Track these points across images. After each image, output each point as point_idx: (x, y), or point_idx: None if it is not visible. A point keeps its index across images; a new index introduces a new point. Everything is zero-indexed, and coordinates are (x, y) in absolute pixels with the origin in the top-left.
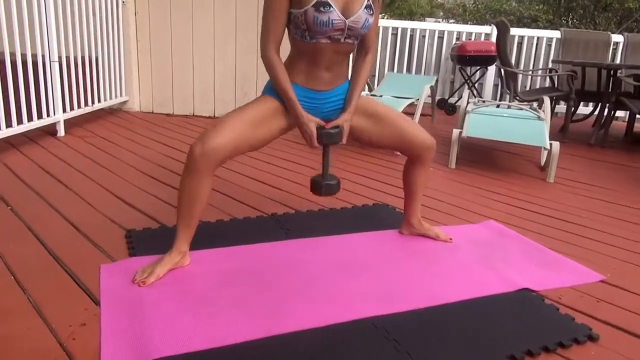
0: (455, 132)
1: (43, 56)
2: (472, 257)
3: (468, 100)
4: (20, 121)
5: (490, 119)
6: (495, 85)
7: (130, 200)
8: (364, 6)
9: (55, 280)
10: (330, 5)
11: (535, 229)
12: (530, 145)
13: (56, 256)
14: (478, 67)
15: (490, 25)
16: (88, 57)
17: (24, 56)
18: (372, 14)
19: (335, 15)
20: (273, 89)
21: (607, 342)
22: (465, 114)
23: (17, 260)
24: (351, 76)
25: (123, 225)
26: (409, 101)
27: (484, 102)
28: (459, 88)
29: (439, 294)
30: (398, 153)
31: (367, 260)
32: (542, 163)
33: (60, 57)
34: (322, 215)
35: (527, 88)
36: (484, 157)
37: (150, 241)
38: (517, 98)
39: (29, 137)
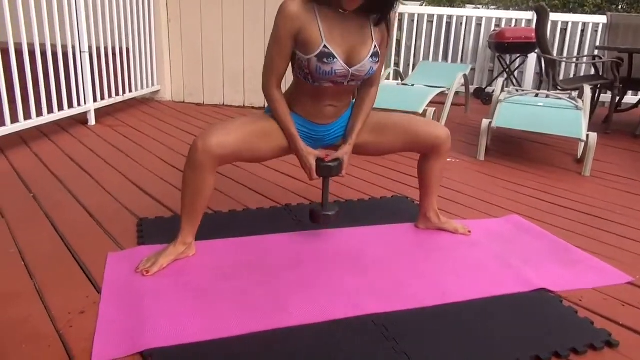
0: (485, 122)
1: (73, 47)
2: (489, 254)
3: (502, 89)
4: (50, 110)
5: (522, 109)
6: (538, 74)
7: (149, 189)
8: (370, 55)
9: (63, 267)
10: (334, 57)
11: (562, 224)
12: (565, 136)
13: (68, 243)
14: (518, 55)
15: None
16: (119, 48)
17: (54, 47)
18: (377, 62)
19: (338, 65)
20: None
21: (627, 350)
22: (497, 103)
23: (30, 246)
24: (354, 107)
25: (137, 214)
26: (440, 90)
27: (523, 91)
28: (497, 77)
29: (448, 292)
30: None
31: (377, 255)
32: (579, 155)
33: (90, 48)
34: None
35: (572, 77)
36: (516, 148)
37: (161, 230)
38: (559, 87)
39: (61, 125)
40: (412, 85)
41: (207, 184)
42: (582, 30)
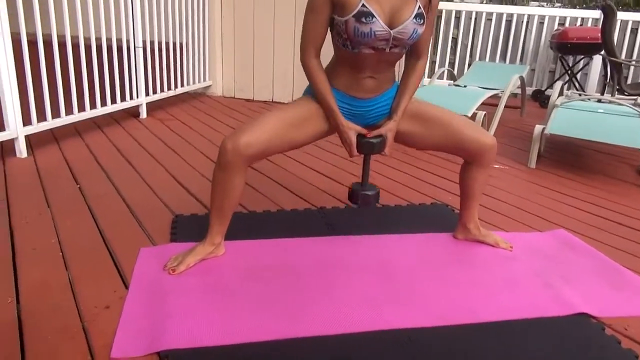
0: (538, 128)
1: (128, 41)
2: (528, 271)
3: (561, 93)
4: (104, 103)
5: (579, 115)
6: (604, 77)
7: (189, 185)
8: (413, 15)
9: (96, 260)
10: (372, 16)
11: (615, 243)
12: (624, 146)
13: (104, 236)
14: (581, 57)
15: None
16: (172, 43)
17: (109, 41)
18: (422, 24)
19: (378, 26)
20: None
21: None
22: (553, 108)
23: (70, 237)
24: (400, 82)
25: (174, 210)
26: (492, 92)
27: (586, 95)
28: (558, 79)
29: (479, 310)
30: None
31: (408, 265)
32: None
33: (144, 43)
34: (372, 212)
35: None
36: (573, 156)
37: (194, 227)
38: (626, 92)
39: (114, 117)
40: (465, 86)
41: (236, 184)
42: None
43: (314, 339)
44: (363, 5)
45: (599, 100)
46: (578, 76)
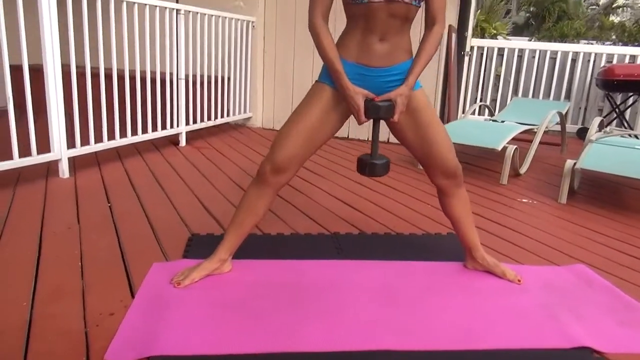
0: (569, 163)
1: (171, 74)
2: (536, 303)
3: (602, 129)
4: (145, 130)
5: (614, 151)
6: None
7: (211, 207)
8: None
9: (111, 272)
10: None
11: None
12: None
13: (123, 251)
14: (630, 94)
15: None
16: (214, 76)
17: (153, 74)
18: None
19: None
20: (326, 74)
21: None
22: (588, 143)
23: (91, 249)
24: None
25: (194, 230)
26: (526, 127)
27: (630, 133)
28: (605, 117)
29: (476, 337)
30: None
31: (412, 290)
32: None
33: (187, 76)
34: (385, 239)
35: None
36: (607, 193)
37: (207, 246)
38: None
39: (155, 144)
40: (502, 121)
41: (265, 203)
42: None
43: (306, 355)
44: None
45: None
46: (627, 114)
